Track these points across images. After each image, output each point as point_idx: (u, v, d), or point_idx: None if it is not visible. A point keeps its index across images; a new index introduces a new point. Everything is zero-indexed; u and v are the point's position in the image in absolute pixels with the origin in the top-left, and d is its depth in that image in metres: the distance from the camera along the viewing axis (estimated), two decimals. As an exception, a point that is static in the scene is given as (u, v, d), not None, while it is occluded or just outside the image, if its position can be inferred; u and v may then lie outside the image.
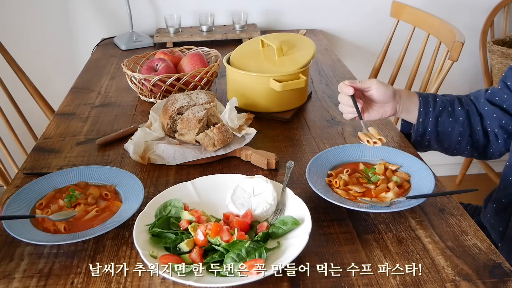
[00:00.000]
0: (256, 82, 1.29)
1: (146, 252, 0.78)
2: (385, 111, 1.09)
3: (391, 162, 1.04)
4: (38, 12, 2.08)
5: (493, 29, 2.28)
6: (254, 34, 1.97)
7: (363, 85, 1.05)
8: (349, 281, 0.77)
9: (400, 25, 1.89)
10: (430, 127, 1.11)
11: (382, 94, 1.06)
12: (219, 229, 0.81)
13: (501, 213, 1.08)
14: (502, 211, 1.08)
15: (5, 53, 1.74)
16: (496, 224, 1.09)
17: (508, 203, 1.07)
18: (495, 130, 1.12)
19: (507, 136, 1.12)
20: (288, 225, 0.84)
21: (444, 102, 1.12)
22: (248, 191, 0.91)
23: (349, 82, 1.04)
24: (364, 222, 0.90)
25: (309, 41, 1.39)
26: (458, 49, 1.47)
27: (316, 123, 1.29)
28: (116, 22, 2.12)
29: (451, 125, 1.12)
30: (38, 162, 1.13)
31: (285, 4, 2.16)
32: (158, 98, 1.39)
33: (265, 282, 0.76)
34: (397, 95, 1.09)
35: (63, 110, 1.41)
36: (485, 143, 1.14)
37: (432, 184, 0.94)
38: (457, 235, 0.86)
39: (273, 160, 1.07)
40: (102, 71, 1.72)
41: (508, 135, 1.12)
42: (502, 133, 1.12)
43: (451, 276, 0.77)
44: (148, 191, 0.99)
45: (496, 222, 1.09)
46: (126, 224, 0.88)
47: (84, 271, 0.80)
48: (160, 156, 1.10)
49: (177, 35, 1.98)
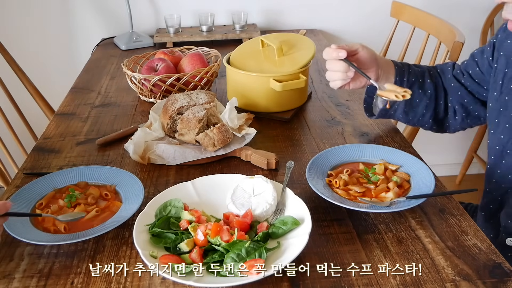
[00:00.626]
0: (256, 82, 1.29)
1: (146, 252, 0.78)
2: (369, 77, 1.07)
3: (391, 162, 1.04)
4: (38, 12, 2.08)
5: (493, 29, 2.28)
6: (254, 34, 1.97)
7: (351, 48, 1.03)
8: (349, 281, 0.77)
9: (400, 25, 1.89)
10: None
11: (368, 56, 1.05)
12: (219, 229, 0.81)
13: (490, 219, 1.08)
14: (491, 217, 1.08)
15: (5, 53, 1.74)
16: (487, 231, 1.09)
17: (496, 209, 1.07)
18: (455, 106, 1.14)
19: (466, 115, 1.15)
20: (288, 225, 0.84)
21: (416, 74, 1.12)
22: (248, 191, 0.91)
23: (337, 46, 1.01)
24: (364, 222, 0.90)
25: (309, 41, 1.39)
26: (458, 49, 1.47)
27: (316, 123, 1.29)
28: (116, 22, 2.12)
29: (420, 97, 1.13)
30: (38, 162, 1.13)
31: (285, 4, 2.16)
32: (158, 98, 1.39)
33: (265, 282, 0.76)
34: (378, 59, 1.08)
35: (63, 110, 1.41)
36: (443, 117, 1.17)
37: (432, 184, 0.94)
38: (457, 235, 0.86)
39: (273, 160, 1.07)
40: (102, 71, 1.72)
41: (466, 114, 1.15)
42: (462, 111, 1.14)
43: (451, 276, 0.77)
44: (148, 191, 0.99)
45: (487, 229, 1.09)
46: (126, 224, 0.88)
47: (84, 271, 0.80)
48: (160, 156, 1.10)
49: (177, 35, 1.98)
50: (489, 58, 1.10)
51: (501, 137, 1.06)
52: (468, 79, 1.14)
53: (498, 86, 1.05)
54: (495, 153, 1.07)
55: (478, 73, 1.12)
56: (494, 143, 1.08)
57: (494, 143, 1.08)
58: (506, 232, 1.03)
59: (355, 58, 1.05)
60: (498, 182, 1.07)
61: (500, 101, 1.05)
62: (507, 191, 1.06)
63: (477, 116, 1.16)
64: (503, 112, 1.05)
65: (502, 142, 1.06)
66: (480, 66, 1.12)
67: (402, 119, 1.18)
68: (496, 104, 1.06)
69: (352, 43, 1.05)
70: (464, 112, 1.15)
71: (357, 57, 1.05)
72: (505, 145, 1.05)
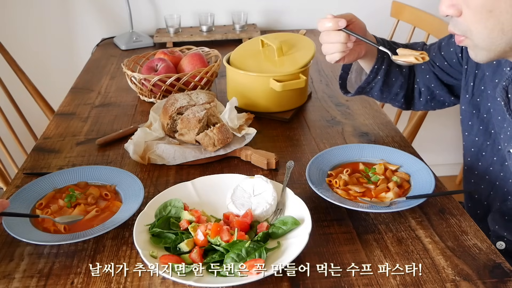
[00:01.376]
0: (256, 82, 1.29)
1: (146, 252, 0.78)
2: (360, 50, 1.05)
3: (391, 162, 1.04)
4: (38, 12, 2.08)
5: (493, 29, 2.28)
6: (254, 34, 1.97)
7: (346, 17, 0.99)
8: (349, 281, 0.77)
9: (400, 25, 1.89)
10: (380, 75, 1.10)
11: (363, 26, 1.03)
12: (219, 229, 0.81)
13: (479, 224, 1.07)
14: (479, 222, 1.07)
15: (5, 53, 1.74)
16: None
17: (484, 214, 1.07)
18: (421, 88, 1.15)
19: (430, 98, 1.16)
20: (288, 225, 0.84)
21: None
22: (248, 191, 0.91)
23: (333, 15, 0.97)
24: (364, 222, 0.90)
25: (309, 41, 1.39)
26: (458, 49, 1.46)
27: (316, 123, 1.29)
28: (116, 22, 2.12)
29: (396, 76, 1.13)
30: (38, 162, 1.13)
31: (285, 4, 2.16)
32: (158, 98, 1.39)
33: (265, 282, 0.76)
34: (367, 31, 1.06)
35: (63, 110, 1.41)
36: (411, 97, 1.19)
37: (432, 184, 0.94)
38: (457, 235, 0.86)
39: (273, 160, 1.07)
40: (102, 71, 1.72)
41: (431, 98, 1.16)
42: (427, 94, 1.16)
43: (451, 276, 0.77)
44: (148, 191, 0.99)
45: None
46: (126, 224, 0.88)
47: (84, 271, 0.80)
48: (160, 156, 1.10)
49: (177, 35, 1.98)
50: (457, 53, 1.08)
51: (476, 139, 1.05)
52: (437, 67, 1.13)
53: (469, 88, 1.04)
54: (471, 155, 1.07)
55: (446, 66, 1.12)
56: (469, 145, 1.07)
57: (469, 145, 1.07)
58: (496, 236, 1.03)
59: (350, 28, 0.99)
60: (477, 183, 1.07)
61: (472, 103, 1.04)
62: (489, 194, 1.06)
63: (442, 101, 1.17)
64: (475, 114, 1.04)
65: (477, 144, 1.05)
66: (448, 60, 1.11)
67: (376, 97, 1.18)
68: (468, 106, 1.05)
69: (345, 13, 1.00)
70: (429, 95, 1.16)
71: (351, 27, 1.00)
72: (480, 147, 1.05)
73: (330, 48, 1.00)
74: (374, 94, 1.17)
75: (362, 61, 1.13)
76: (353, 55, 1.05)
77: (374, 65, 1.10)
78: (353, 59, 1.06)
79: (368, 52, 1.08)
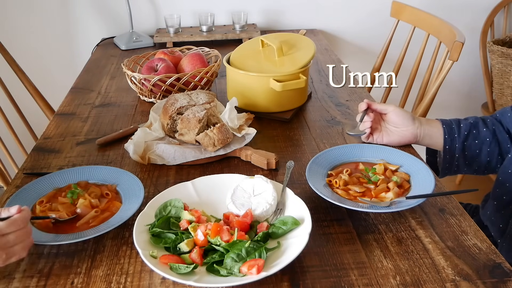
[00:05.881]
0: (256, 82, 1.29)
1: (146, 252, 0.78)
2: (404, 135, 1.11)
3: (391, 162, 1.04)
4: (38, 12, 2.08)
5: (493, 29, 2.28)
6: (254, 34, 1.97)
7: (379, 106, 1.12)
8: (349, 281, 0.77)
9: (400, 25, 1.89)
10: (458, 153, 1.11)
11: (400, 117, 1.10)
12: (219, 229, 0.81)
13: (501, 210, 1.08)
14: (502, 208, 1.08)
15: (5, 53, 1.74)
16: (497, 221, 1.09)
17: (509, 201, 1.07)
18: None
19: None
20: (288, 225, 0.84)
21: (468, 126, 1.12)
22: (248, 191, 0.91)
23: (367, 101, 1.12)
24: (364, 222, 0.90)
25: (309, 41, 1.39)
26: (458, 49, 1.47)
27: (316, 123, 1.29)
28: (116, 22, 2.12)
29: (478, 147, 1.12)
30: (38, 162, 1.13)
31: (285, 4, 2.17)
32: (158, 98, 1.39)
33: (265, 282, 0.76)
34: (416, 121, 1.11)
35: (63, 110, 1.41)
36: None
37: (432, 184, 0.94)
38: (457, 235, 0.86)
39: (273, 160, 1.07)
40: (102, 71, 1.72)
41: None
42: None
43: (451, 276, 0.77)
44: (148, 191, 0.99)
45: (496, 219, 1.09)
46: (126, 224, 0.88)
47: (84, 271, 0.80)
48: (160, 156, 1.10)
49: (177, 35, 1.98)
50: None
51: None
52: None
53: None
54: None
55: None
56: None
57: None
58: None
59: (387, 117, 1.12)
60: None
61: None
62: None
63: None
64: None
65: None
66: None
67: (469, 171, 1.17)
68: None
69: (387, 104, 1.12)
70: None
71: (388, 116, 1.12)
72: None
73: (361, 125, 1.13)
74: (464, 170, 1.16)
75: (429, 144, 1.15)
76: (396, 138, 1.13)
77: (445, 146, 1.11)
78: (396, 141, 1.13)
79: (425, 136, 1.11)
